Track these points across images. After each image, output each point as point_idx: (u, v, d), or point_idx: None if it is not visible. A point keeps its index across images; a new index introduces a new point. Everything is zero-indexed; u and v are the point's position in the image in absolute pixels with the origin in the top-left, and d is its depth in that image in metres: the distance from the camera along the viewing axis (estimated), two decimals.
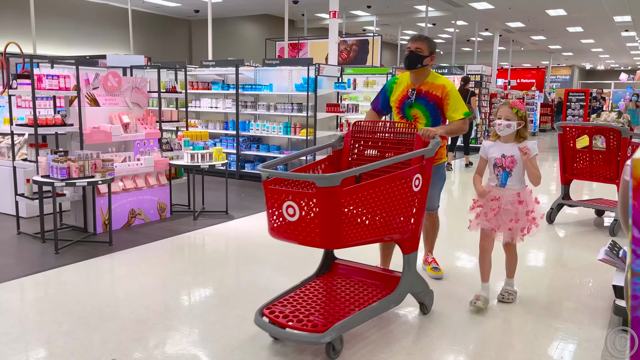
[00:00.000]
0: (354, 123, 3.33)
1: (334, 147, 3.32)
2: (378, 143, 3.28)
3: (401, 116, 3.73)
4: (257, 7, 17.78)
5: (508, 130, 3.26)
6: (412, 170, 2.87)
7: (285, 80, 8.45)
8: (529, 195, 3.34)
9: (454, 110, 3.60)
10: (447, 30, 22.82)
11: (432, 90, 3.62)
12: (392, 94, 3.78)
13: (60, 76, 4.82)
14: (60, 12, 15.90)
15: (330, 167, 3.26)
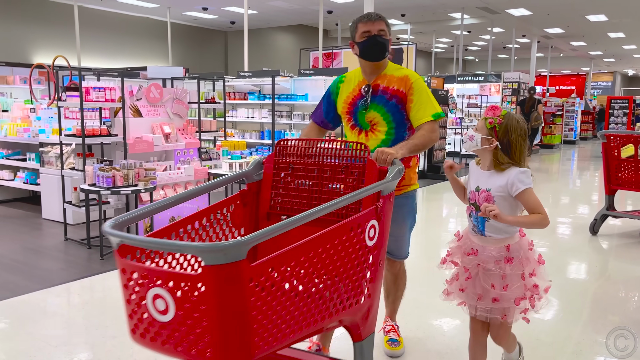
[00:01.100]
0: (277, 142, 2.29)
1: (249, 177, 2.29)
2: (313, 171, 2.21)
3: (353, 125, 2.66)
4: (291, 17, 18.01)
5: (471, 145, 2.22)
6: (365, 217, 1.88)
7: (320, 90, 8.52)
8: (525, 249, 2.18)
9: (420, 110, 2.52)
10: (483, 38, 22.55)
11: (392, 84, 2.58)
12: (338, 96, 2.72)
13: (107, 88, 5.00)
14: (103, 25, 16.49)
15: (242, 210, 2.24)
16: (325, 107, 2.78)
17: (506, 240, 2.18)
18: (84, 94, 4.90)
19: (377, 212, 1.96)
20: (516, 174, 2.10)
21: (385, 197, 2.00)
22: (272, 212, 2.28)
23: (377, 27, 2.55)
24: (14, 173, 6.62)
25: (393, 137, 2.59)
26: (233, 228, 2.16)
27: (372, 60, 2.58)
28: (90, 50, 15.80)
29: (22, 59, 14.31)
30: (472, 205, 2.24)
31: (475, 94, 13.52)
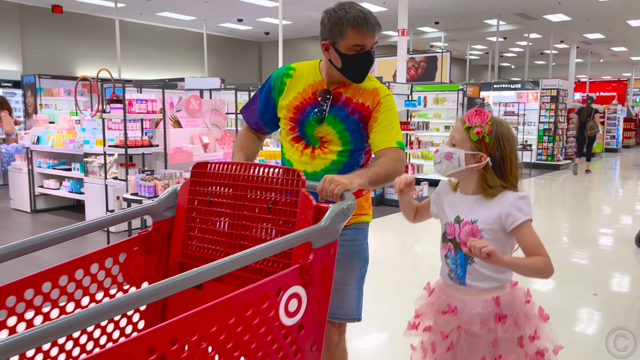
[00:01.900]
0: (194, 165, 1.77)
1: (156, 213, 1.73)
2: (234, 207, 1.67)
3: (297, 137, 2.02)
4: None
5: (449, 167, 1.61)
6: (276, 282, 1.32)
7: None
8: (520, 302, 1.61)
9: (385, 132, 1.93)
10: (519, 44, 22.17)
11: (356, 97, 1.98)
12: (282, 94, 2.04)
13: (148, 100, 5.16)
14: (142, 38, 16.99)
15: (144, 258, 1.69)
16: (262, 104, 2.10)
17: (494, 291, 1.59)
18: (127, 106, 5.06)
19: (303, 274, 1.37)
20: (513, 201, 1.54)
21: (320, 250, 1.41)
22: (187, 261, 1.71)
23: (372, 40, 1.91)
24: (59, 182, 6.88)
25: (346, 160, 1.98)
26: (125, 284, 1.63)
27: (358, 81, 1.96)
28: (129, 62, 16.29)
29: (66, 72, 14.88)
30: (450, 242, 1.65)
31: (512, 102, 13.29)
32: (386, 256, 5.28)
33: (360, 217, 2.04)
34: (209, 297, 1.35)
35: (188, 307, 1.40)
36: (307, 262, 1.39)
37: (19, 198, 7.20)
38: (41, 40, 14.95)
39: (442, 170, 1.63)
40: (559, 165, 13.18)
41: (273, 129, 2.14)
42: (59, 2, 14.49)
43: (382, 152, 1.92)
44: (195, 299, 1.63)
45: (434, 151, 1.67)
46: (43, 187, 7.02)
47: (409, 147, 8.45)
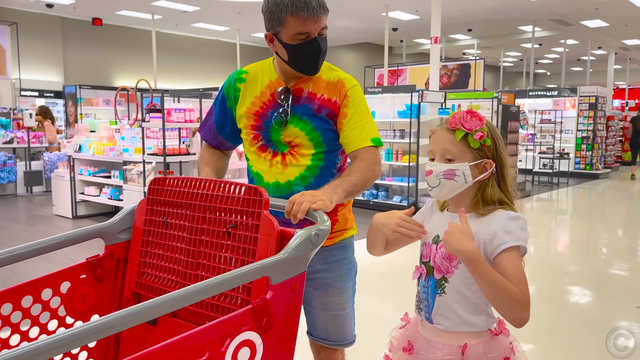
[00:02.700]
0: (151, 181, 1.58)
1: (109, 236, 1.53)
2: (191, 230, 1.47)
3: (263, 145, 1.80)
4: (356, 36, 18.21)
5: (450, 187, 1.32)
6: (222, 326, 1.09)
7: (387, 107, 8.53)
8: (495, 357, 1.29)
9: (357, 129, 1.72)
10: (555, 50, 21.74)
11: (320, 91, 1.76)
12: (238, 102, 1.83)
13: (186, 110, 5.28)
14: (177, 49, 17.39)
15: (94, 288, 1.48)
16: (218, 117, 1.88)
17: (465, 336, 1.29)
18: (166, 115, 5.19)
19: (258, 317, 1.13)
20: (503, 221, 1.26)
21: (281, 286, 1.18)
22: (142, 292, 1.52)
23: (320, 24, 1.64)
24: (99, 189, 7.08)
25: (321, 164, 1.77)
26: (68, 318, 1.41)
27: (310, 74, 1.73)
28: (165, 72, 16.69)
29: (105, 82, 15.35)
30: (424, 264, 1.39)
31: (548, 109, 13.03)
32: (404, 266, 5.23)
33: (346, 233, 1.86)
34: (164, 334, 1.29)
35: (143, 344, 1.38)
36: (262, 302, 1.13)
37: (61, 204, 7.45)
38: (82, 51, 15.48)
39: (443, 194, 1.33)
40: (597, 174, 12.83)
41: (235, 142, 1.92)
42: (99, 15, 14.99)
43: (356, 154, 1.71)
44: (150, 335, 1.44)
45: (426, 174, 1.33)
46: (84, 194, 7.25)
47: None
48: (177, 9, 14.08)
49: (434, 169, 1.32)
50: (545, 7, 13.69)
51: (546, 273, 4.81)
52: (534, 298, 2.11)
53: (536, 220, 8.08)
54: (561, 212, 8.92)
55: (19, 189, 9.46)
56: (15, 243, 6.00)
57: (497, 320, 1.34)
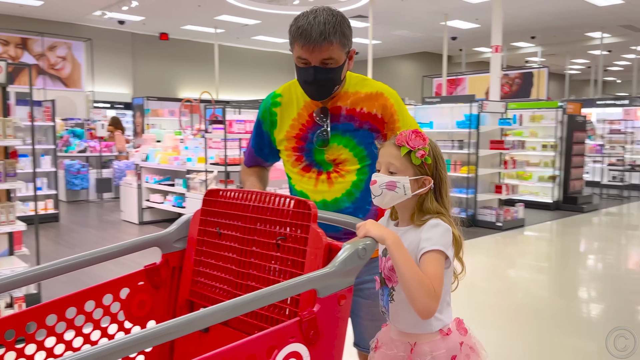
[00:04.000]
0: (206, 192, 1.65)
1: (166, 245, 1.59)
2: (243, 241, 1.50)
3: (307, 165, 1.82)
4: (414, 45, 18.09)
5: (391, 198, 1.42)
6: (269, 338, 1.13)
7: (445, 117, 8.42)
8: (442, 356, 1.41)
9: None
10: (626, 57, 20.67)
11: (359, 105, 1.78)
12: (276, 126, 1.86)
13: (247, 121, 5.45)
14: (238, 61, 17.93)
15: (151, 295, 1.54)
16: (256, 141, 1.94)
17: (417, 337, 1.42)
18: (227, 126, 5.38)
19: (305, 329, 1.15)
20: (426, 229, 1.39)
21: (328, 299, 1.19)
22: (195, 300, 1.55)
23: (319, 55, 1.65)
24: (164, 196, 7.41)
25: (366, 177, 1.78)
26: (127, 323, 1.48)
27: (314, 99, 1.76)
28: (226, 83, 17.24)
29: (170, 94, 16.04)
30: (379, 275, 1.51)
31: (618, 119, 12.39)
32: (477, 280, 5.12)
33: None
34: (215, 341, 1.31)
35: (195, 351, 1.41)
36: (310, 315, 1.15)
37: (129, 210, 7.84)
38: (149, 65, 16.27)
39: (384, 202, 1.45)
40: None
41: (274, 160, 1.97)
42: (165, 30, 15.73)
43: None
44: (202, 342, 1.48)
45: (370, 183, 1.45)
46: (149, 201, 7.60)
47: (502, 166, 8.15)
48: (239, 23, 14.54)
49: (377, 179, 1.44)
50: (614, 12, 13.08)
51: (616, 291, 4.58)
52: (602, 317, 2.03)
53: (604, 236, 7.68)
54: (632, 227, 8.44)
55: (91, 195, 10.03)
56: (86, 246, 6.37)
57: (448, 323, 1.45)
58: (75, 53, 14.92)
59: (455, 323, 1.48)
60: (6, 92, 3.72)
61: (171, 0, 12.18)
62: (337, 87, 1.74)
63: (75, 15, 13.86)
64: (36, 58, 14.18)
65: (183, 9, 13.11)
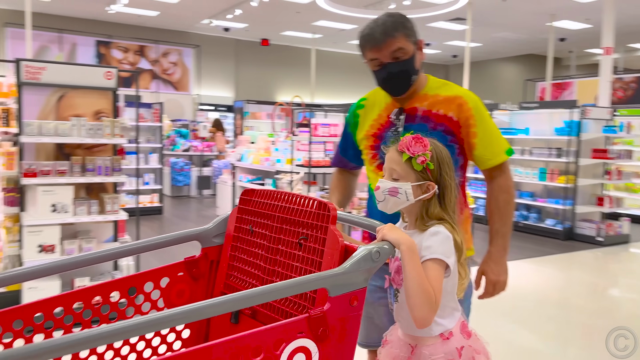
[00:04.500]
0: (243, 192, 1.72)
1: (205, 239, 1.68)
2: (270, 239, 1.57)
3: (379, 164, 1.89)
4: (518, 48, 17.27)
5: (394, 203, 1.45)
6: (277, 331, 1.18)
7: (543, 124, 7.99)
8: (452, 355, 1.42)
9: (491, 146, 1.81)
10: None
11: (436, 107, 1.82)
12: (358, 126, 2.00)
13: (331, 125, 5.61)
14: (334, 65, 18.25)
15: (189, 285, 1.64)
16: (342, 143, 2.08)
17: (415, 340, 1.45)
18: (313, 129, 5.57)
19: (313, 326, 1.20)
20: (426, 237, 1.39)
21: (339, 299, 1.22)
22: (227, 292, 1.63)
23: (387, 51, 1.75)
24: None
25: None
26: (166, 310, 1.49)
27: (396, 95, 1.86)
28: (322, 87, 17.63)
29: (268, 98, 16.73)
30: (389, 275, 1.54)
31: None
32: (572, 297, 4.84)
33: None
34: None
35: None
36: (319, 312, 1.19)
37: (223, 206, 8.35)
38: (250, 69, 17.10)
39: (388, 208, 1.46)
40: None
41: (358, 163, 2.05)
42: (267, 36, 16.45)
43: (490, 175, 1.85)
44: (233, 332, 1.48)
45: (375, 188, 1.47)
46: None
47: (606, 177, 7.56)
48: (336, 28, 14.83)
49: (381, 185, 1.46)
50: None
51: None
52: None
53: None
54: None
55: (192, 191, 10.79)
56: None
57: (450, 328, 1.44)
58: (185, 59, 16.09)
59: (459, 326, 1.47)
60: (116, 95, 4.17)
61: (272, 8, 12.72)
62: (413, 77, 1.80)
63: (186, 23, 14.96)
64: (151, 64, 15.50)
65: (283, 15, 13.65)
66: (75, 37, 14.20)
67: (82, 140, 3.83)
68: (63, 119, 3.92)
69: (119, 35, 14.76)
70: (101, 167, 3.92)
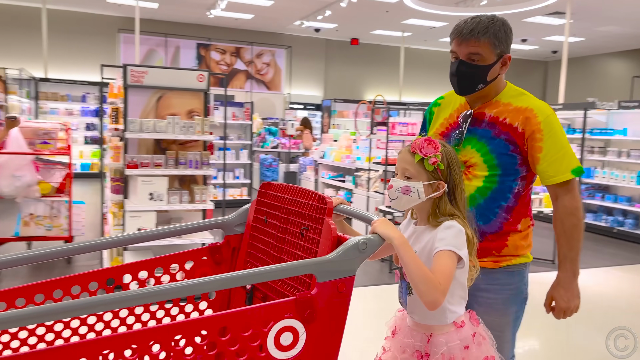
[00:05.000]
0: (262, 184, 1.84)
1: (228, 227, 1.82)
2: (279, 229, 1.70)
3: None
4: (625, 42, 16.01)
5: (406, 201, 1.55)
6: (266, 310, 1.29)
7: None
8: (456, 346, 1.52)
9: (556, 163, 1.77)
10: None
11: (504, 115, 1.83)
12: (431, 123, 2.07)
13: (409, 123, 5.69)
14: (424, 63, 18.05)
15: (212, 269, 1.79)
16: None
17: (432, 328, 1.55)
18: (390, 128, 5.68)
19: (300, 308, 1.29)
20: (441, 230, 1.50)
21: (326, 285, 1.31)
22: None
23: (466, 49, 1.78)
24: (336, 191, 8.04)
25: (494, 187, 1.83)
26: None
27: (458, 93, 1.90)
28: (410, 85, 17.51)
29: (356, 96, 16.94)
30: (399, 270, 1.62)
31: None
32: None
33: (514, 259, 1.87)
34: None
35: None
36: (306, 296, 1.29)
37: None
38: (339, 69, 17.41)
39: (401, 205, 1.56)
40: None
41: None
42: (356, 35, 16.66)
43: (555, 193, 1.82)
44: None
45: (387, 187, 1.58)
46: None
47: None
48: (426, 26, 14.69)
49: (394, 184, 1.56)
50: None
51: None
52: None
53: None
54: None
55: None
56: None
57: (461, 315, 1.56)
58: (278, 59, 16.75)
59: (468, 315, 1.59)
60: (207, 95, 4.59)
61: (361, 8, 12.89)
62: (479, 85, 1.81)
63: (279, 25, 15.57)
64: (246, 64, 16.32)
65: (372, 15, 13.77)
66: (178, 40, 15.33)
67: (176, 136, 4.27)
68: (161, 117, 4.40)
69: (217, 37, 15.70)
70: (192, 161, 4.35)
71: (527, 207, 1.89)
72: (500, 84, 1.88)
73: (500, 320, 1.86)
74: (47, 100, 11.91)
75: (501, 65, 1.83)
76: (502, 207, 1.83)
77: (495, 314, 1.84)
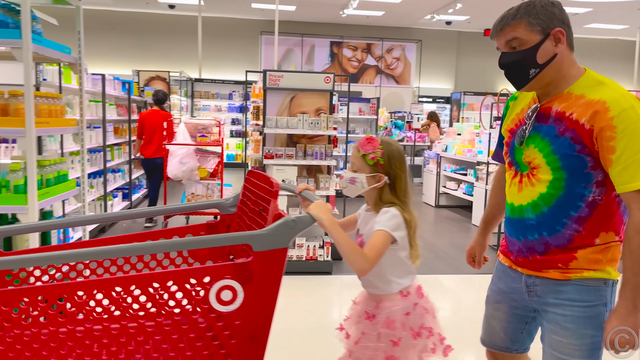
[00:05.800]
0: (248, 172, 2.07)
1: (223, 208, 2.06)
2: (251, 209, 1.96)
3: (510, 162, 1.77)
4: None
5: (355, 189, 1.84)
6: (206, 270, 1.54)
7: None
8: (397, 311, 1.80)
9: (631, 166, 1.47)
10: None
11: (571, 109, 1.57)
12: (504, 119, 1.88)
13: None
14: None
15: None
16: (499, 134, 1.92)
17: (379, 297, 1.85)
18: None
19: (238, 270, 1.50)
20: (379, 215, 1.78)
21: (262, 254, 1.51)
22: (231, 250, 2.05)
23: (503, 39, 1.63)
24: (457, 185, 8.20)
25: (560, 194, 1.60)
26: (190, 259, 2.01)
27: (517, 88, 1.71)
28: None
29: (488, 89, 16.51)
30: None
31: None
32: None
33: (585, 272, 1.61)
34: None
35: None
36: (242, 262, 1.51)
37: (428, 194, 8.95)
38: (471, 61, 17.10)
39: (349, 193, 1.86)
40: None
41: None
42: (489, 26, 16.15)
43: (628, 203, 1.52)
44: None
45: (340, 177, 1.85)
46: (445, 187, 8.51)
47: None
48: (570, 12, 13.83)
49: (344, 175, 1.88)
50: None
51: None
52: None
53: None
54: None
55: None
56: None
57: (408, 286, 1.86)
58: (408, 54, 16.96)
59: (415, 288, 1.89)
60: (332, 95, 5.16)
61: None
62: (532, 70, 1.59)
63: (409, 20, 15.78)
64: (376, 60, 16.79)
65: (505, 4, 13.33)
66: (313, 39, 16.31)
67: (305, 131, 4.91)
68: (293, 115, 5.07)
69: (350, 35, 16.38)
70: (318, 153, 4.96)
71: (611, 219, 1.60)
72: (571, 70, 1.62)
73: (570, 343, 1.60)
74: (201, 98, 13.57)
75: (555, 43, 1.58)
76: (572, 217, 1.59)
77: (564, 334, 1.61)
